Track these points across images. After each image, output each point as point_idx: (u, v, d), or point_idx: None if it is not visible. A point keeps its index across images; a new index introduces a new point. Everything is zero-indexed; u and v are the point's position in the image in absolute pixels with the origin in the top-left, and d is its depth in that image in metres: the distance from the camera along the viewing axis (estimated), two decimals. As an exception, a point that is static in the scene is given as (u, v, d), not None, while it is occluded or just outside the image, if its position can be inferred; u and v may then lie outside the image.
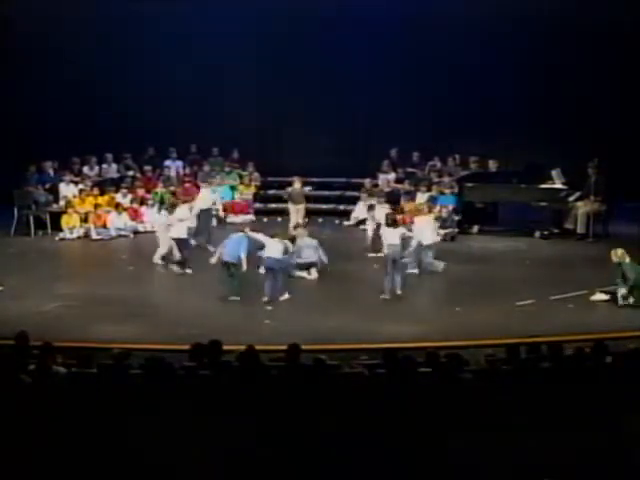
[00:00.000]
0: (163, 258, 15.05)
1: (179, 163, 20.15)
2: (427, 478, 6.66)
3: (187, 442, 6.78)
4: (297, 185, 17.74)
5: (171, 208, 15.14)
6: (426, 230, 14.55)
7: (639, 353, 8.51)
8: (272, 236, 13.63)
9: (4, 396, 7.39)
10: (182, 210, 14.97)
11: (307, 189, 18.00)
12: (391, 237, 13.39)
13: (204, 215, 16.47)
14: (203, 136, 19.83)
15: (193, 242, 15.56)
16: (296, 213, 17.48)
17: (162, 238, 15.06)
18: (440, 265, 14.56)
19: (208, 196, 16.94)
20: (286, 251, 13.50)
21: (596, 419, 7.12)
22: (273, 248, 13.35)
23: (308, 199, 17.95)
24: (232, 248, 13.37)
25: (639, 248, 15.18)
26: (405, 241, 13.78)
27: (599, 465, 6.68)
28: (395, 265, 13.28)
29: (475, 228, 17.38)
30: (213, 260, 13.58)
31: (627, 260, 13.01)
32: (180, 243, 14.64)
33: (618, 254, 13.03)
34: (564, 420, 7.10)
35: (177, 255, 14.69)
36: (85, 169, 19.44)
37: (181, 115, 19.18)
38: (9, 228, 17.56)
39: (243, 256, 13.20)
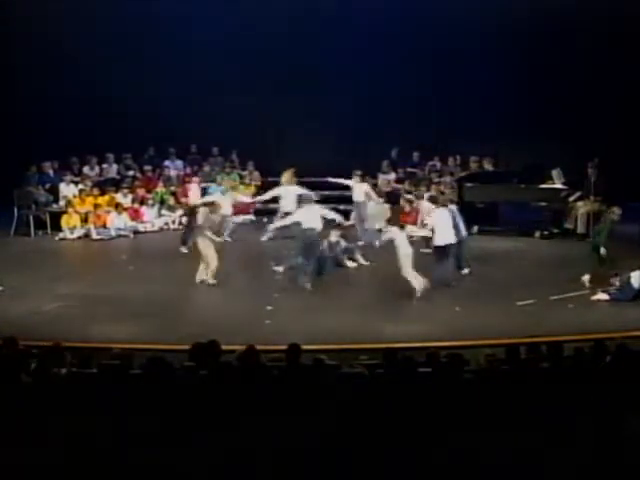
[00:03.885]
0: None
1: (179, 163, 20.17)
2: (427, 478, 6.66)
3: (187, 442, 6.78)
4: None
5: None
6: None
7: (639, 353, 8.50)
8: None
9: (4, 396, 7.38)
10: None
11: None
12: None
13: None
14: (203, 136, 19.84)
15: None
16: None
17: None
18: None
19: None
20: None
21: (596, 419, 7.12)
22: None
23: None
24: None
25: (639, 248, 15.22)
26: None
27: (599, 465, 6.68)
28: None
29: (475, 228, 17.37)
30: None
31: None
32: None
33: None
34: (564, 420, 7.10)
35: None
36: (85, 169, 19.47)
37: (181, 115, 19.19)
38: (9, 228, 17.58)
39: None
